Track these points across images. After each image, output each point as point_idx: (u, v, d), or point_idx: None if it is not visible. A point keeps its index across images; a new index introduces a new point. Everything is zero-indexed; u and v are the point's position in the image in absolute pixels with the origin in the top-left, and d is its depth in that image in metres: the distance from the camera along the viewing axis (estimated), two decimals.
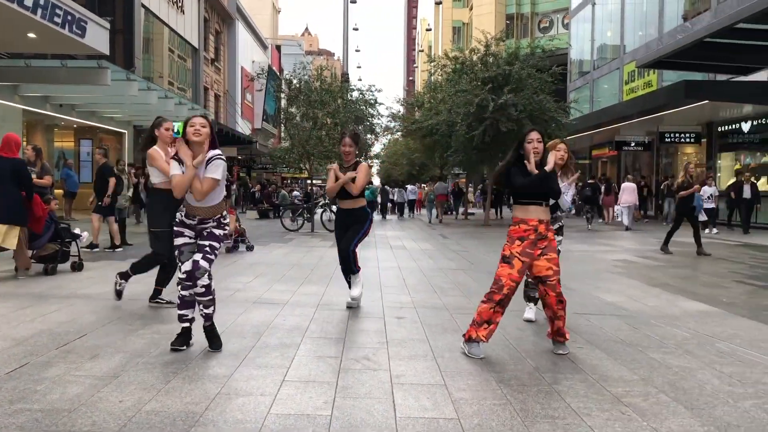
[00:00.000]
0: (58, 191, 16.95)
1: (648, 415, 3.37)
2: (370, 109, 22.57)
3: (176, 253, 4.56)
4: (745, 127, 20.08)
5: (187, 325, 4.56)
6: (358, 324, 5.50)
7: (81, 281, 7.52)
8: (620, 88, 28.89)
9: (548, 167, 4.48)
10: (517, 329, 5.39)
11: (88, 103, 20.07)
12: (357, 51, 73.79)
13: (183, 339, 4.53)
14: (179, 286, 4.51)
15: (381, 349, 4.62)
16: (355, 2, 34.87)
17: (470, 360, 4.37)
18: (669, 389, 3.82)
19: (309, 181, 25.29)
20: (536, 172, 4.45)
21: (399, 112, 31.87)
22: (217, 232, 4.57)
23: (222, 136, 28.28)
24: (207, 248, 4.47)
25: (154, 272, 6.15)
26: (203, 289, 4.43)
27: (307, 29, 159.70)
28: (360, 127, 22.10)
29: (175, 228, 4.59)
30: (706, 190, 17.44)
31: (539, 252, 4.55)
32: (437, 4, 62.94)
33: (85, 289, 6.94)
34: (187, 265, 4.45)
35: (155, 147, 5.85)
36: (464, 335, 4.59)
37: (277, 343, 4.73)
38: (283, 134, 22.21)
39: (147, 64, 27.59)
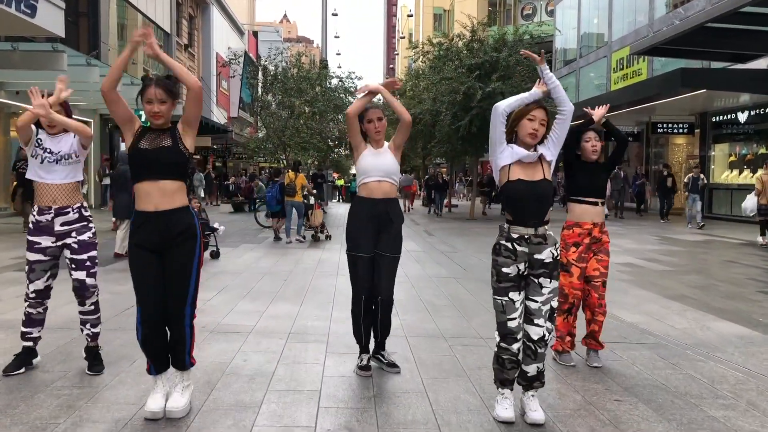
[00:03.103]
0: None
1: None
2: (350, 98, 21.48)
3: (26, 270, 4.04)
4: (742, 117, 19.27)
5: (30, 344, 4.13)
6: (336, 365, 4.45)
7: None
8: (608, 77, 27.99)
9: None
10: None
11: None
12: (336, 37, 72.23)
13: (21, 360, 4.08)
14: (26, 303, 4.08)
15: (367, 410, 3.57)
16: None
17: (483, 428, 3.36)
18: None
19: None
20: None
21: (380, 100, 30.76)
22: (87, 237, 4.06)
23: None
24: (88, 262, 4.04)
25: None
26: (92, 307, 4.13)
27: (285, 16, 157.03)
28: (340, 117, 21.01)
29: (29, 238, 4.01)
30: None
31: (592, 254, 4.47)
32: None
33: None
34: (37, 285, 4.02)
35: None
36: (552, 348, 4.55)
37: (232, 401, 3.66)
38: (259, 123, 21.06)
39: (122, 49, 26.17)
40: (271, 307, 6.34)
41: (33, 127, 4.08)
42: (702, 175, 17.43)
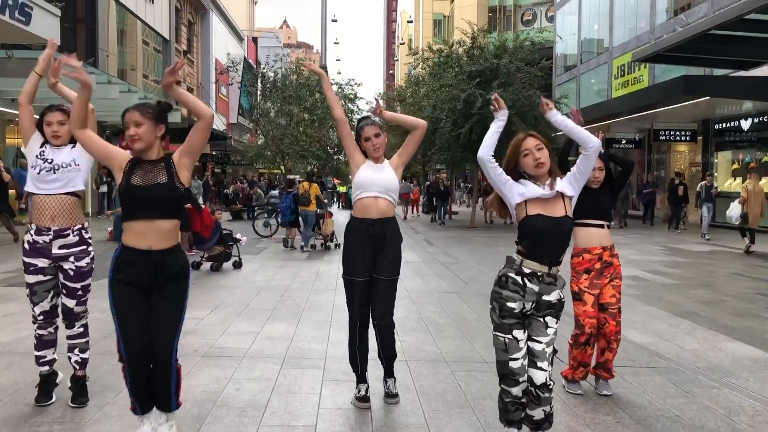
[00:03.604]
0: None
1: None
2: (349, 104, 21.32)
3: (27, 293, 3.85)
4: (745, 124, 19.06)
5: (46, 369, 3.92)
6: (332, 395, 4.24)
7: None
8: (609, 83, 27.84)
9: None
10: None
11: (45, 97, 18.40)
12: (336, 44, 72.18)
13: (45, 390, 3.90)
14: (35, 324, 3.88)
15: None
16: None
17: None
18: None
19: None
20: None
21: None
22: (84, 263, 3.85)
23: None
24: (80, 291, 3.85)
25: None
26: (81, 329, 3.94)
27: (285, 22, 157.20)
28: None
29: (24, 259, 3.82)
30: None
31: (607, 280, 4.29)
32: None
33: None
34: (42, 306, 3.84)
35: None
36: (562, 374, 4.42)
37: None
38: (258, 130, 20.91)
39: (122, 57, 26.05)
40: (267, 327, 6.12)
41: (38, 134, 3.91)
42: (715, 184, 17.03)
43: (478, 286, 8.86)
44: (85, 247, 3.88)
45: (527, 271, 3.08)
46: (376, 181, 3.93)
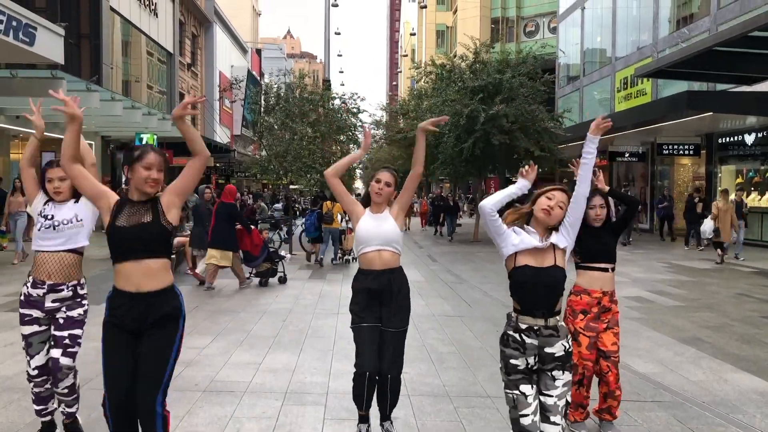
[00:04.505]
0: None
1: None
2: (353, 119, 21.29)
3: (23, 345, 3.87)
4: (749, 139, 19.01)
5: (48, 418, 3.97)
6: None
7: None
8: (612, 96, 27.83)
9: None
10: None
11: (49, 114, 18.41)
12: (339, 56, 72.35)
13: None
14: (31, 383, 3.86)
15: None
16: (336, 6, 33.50)
17: None
18: None
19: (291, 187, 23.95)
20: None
21: (382, 118, 30.59)
22: (76, 314, 3.82)
23: None
24: (67, 340, 3.76)
25: None
26: (66, 390, 3.81)
27: (289, 32, 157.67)
28: (342, 137, 20.82)
29: (20, 310, 3.85)
30: None
31: (605, 326, 4.24)
32: (422, 7, 61.74)
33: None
34: (38, 360, 3.82)
35: None
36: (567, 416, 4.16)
37: None
38: (262, 145, 20.91)
39: (126, 68, 26.14)
40: (269, 358, 6.08)
41: (42, 193, 3.92)
42: (745, 200, 16.20)
43: (481, 309, 8.82)
44: (78, 300, 3.86)
45: (523, 326, 3.07)
46: (378, 234, 3.92)
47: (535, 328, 3.04)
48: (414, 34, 70.08)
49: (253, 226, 11.45)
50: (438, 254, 16.94)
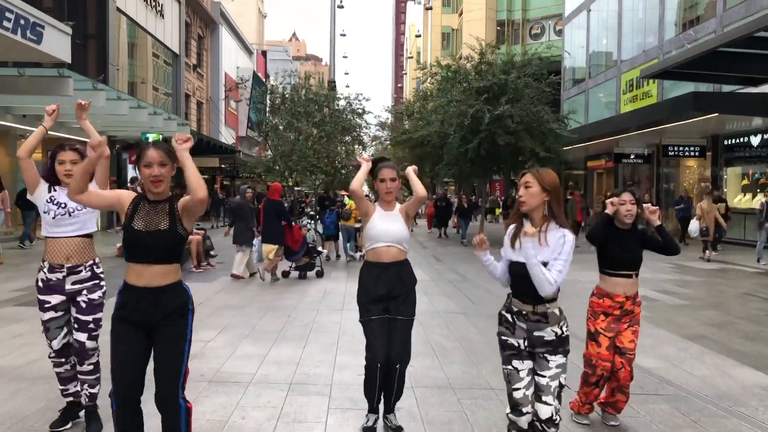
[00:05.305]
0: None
1: None
2: (357, 119, 21.36)
3: (42, 329, 3.93)
4: (755, 140, 18.97)
5: (71, 398, 4.02)
6: (339, 424, 4.21)
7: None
8: (618, 98, 27.82)
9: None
10: None
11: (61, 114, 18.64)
12: (344, 57, 72.57)
13: (65, 417, 3.98)
14: (51, 362, 3.97)
15: None
16: (342, 7, 33.58)
17: None
18: None
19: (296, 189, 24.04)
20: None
21: (387, 119, 30.65)
22: (97, 296, 3.91)
23: (203, 146, 26.91)
24: (92, 324, 3.87)
25: None
26: (91, 367, 3.92)
27: (294, 34, 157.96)
28: (347, 138, 20.88)
29: (39, 297, 3.88)
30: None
31: (626, 326, 4.24)
32: (427, 9, 61.81)
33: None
34: (56, 343, 3.90)
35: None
36: (570, 404, 4.42)
37: None
38: (268, 145, 21.00)
39: (132, 70, 26.27)
40: (274, 350, 6.11)
41: (44, 182, 3.96)
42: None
43: (485, 306, 8.83)
44: (97, 281, 3.95)
45: (515, 309, 3.21)
46: (388, 233, 4.00)
47: (524, 312, 3.17)
48: (419, 36, 70.12)
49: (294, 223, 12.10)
50: (442, 254, 16.96)
